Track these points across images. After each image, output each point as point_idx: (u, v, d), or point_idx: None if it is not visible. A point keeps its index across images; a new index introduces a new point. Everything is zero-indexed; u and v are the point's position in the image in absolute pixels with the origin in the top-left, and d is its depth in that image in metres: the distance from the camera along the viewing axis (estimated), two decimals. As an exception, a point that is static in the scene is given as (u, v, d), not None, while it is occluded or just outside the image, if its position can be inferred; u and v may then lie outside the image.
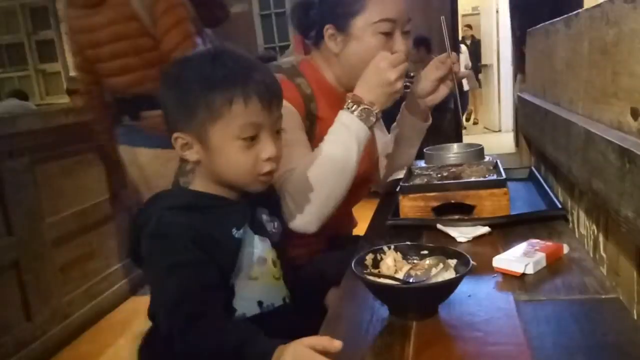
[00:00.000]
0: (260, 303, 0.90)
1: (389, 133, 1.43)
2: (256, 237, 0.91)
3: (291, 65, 1.23)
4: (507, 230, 1.04)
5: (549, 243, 0.91)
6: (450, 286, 0.74)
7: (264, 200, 0.96)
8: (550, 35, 1.25)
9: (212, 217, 0.86)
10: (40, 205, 2.28)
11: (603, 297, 0.75)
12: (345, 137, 1.06)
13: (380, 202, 1.37)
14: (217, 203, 0.89)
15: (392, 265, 0.81)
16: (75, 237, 2.49)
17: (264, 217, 0.96)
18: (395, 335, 0.70)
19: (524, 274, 0.83)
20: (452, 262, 0.78)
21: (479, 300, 0.78)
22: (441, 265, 0.78)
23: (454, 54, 1.20)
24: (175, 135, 0.86)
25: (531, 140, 1.57)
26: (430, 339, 0.69)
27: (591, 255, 0.92)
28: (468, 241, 1.01)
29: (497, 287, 0.82)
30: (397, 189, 1.14)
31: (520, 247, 0.90)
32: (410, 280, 0.76)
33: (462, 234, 1.02)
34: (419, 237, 1.05)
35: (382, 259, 0.82)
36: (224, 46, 0.90)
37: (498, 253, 0.89)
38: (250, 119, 0.82)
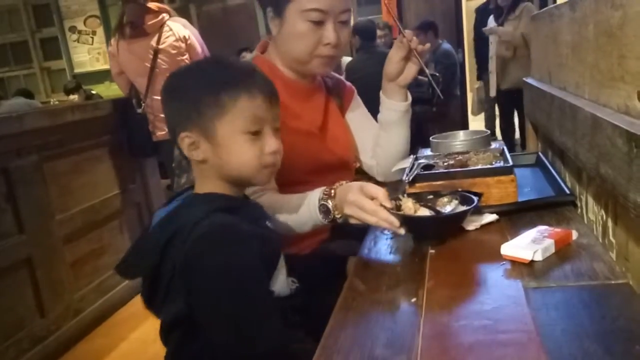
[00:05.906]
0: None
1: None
2: None
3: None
4: (515, 217, 1.03)
5: (558, 229, 0.91)
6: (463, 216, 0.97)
7: None
8: (555, 19, 1.23)
9: (250, 217, 0.89)
10: (49, 203, 2.30)
11: (612, 282, 0.75)
12: (304, 212, 1.06)
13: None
14: (242, 203, 0.93)
15: (412, 207, 0.98)
16: (86, 233, 2.51)
17: None
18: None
19: (532, 261, 0.83)
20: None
21: (488, 289, 0.78)
22: (454, 200, 1.00)
23: (407, 31, 1.22)
24: (182, 135, 0.87)
25: (538, 126, 1.56)
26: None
27: (600, 240, 0.92)
28: (476, 229, 1.01)
29: (505, 274, 0.82)
30: (403, 178, 1.14)
31: (529, 234, 0.90)
32: (444, 211, 0.98)
33: (469, 221, 1.02)
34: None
35: (400, 205, 0.98)
36: (220, 55, 0.97)
37: (506, 240, 0.89)
38: (254, 112, 0.86)
